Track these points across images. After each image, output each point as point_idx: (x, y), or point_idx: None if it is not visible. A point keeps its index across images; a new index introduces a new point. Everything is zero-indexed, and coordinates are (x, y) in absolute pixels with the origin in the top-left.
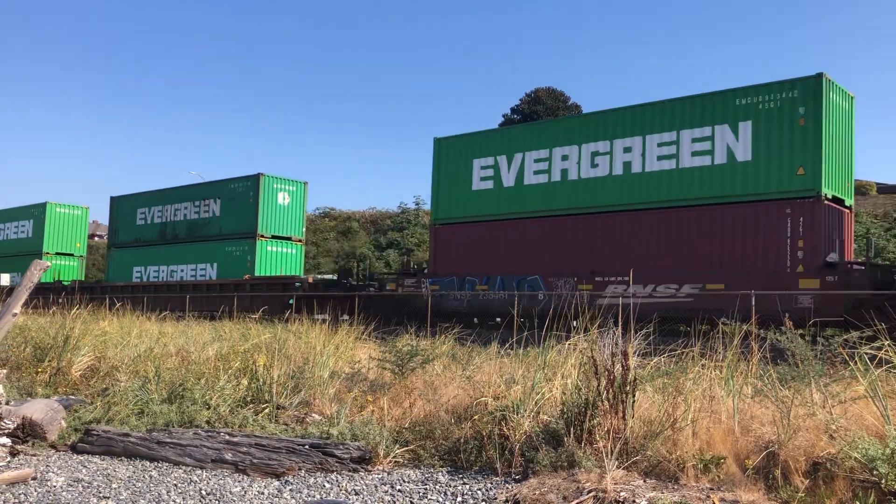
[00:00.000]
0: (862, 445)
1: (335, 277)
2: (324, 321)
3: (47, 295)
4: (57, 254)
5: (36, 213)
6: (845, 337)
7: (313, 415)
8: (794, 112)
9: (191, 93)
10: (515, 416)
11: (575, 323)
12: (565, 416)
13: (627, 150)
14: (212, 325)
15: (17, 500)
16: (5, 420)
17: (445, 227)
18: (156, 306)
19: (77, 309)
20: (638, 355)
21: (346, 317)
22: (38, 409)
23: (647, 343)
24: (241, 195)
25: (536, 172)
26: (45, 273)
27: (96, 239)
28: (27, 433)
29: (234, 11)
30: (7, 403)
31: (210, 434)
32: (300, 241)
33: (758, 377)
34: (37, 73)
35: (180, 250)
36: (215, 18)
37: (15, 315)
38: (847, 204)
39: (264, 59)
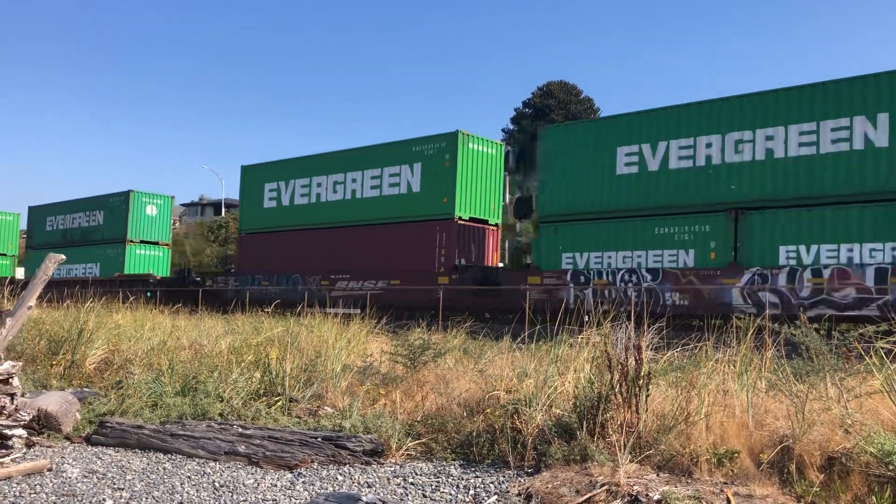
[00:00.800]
0: (878, 440)
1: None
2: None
3: None
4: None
5: None
6: (861, 331)
7: (326, 408)
8: (442, 158)
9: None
10: (528, 409)
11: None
12: (578, 409)
13: (354, 181)
14: (224, 319)
15: (33, 491)
16: (21, 412)
17: (247, 236)
18: (58, 298)
19: (91, 302)
20: (651, 349)
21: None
22: (53, 401)
23: (661, 338)
24: (118, 208)
25: (302, 195)
26: None
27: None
28: (42, 425)
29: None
30: (23, 395)
31: (223, 426)
32: (167, 244)
33: (772, 371)
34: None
35: (75, 252)
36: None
37: (30, 308)
38: (492, 223)
39: (258, 62)
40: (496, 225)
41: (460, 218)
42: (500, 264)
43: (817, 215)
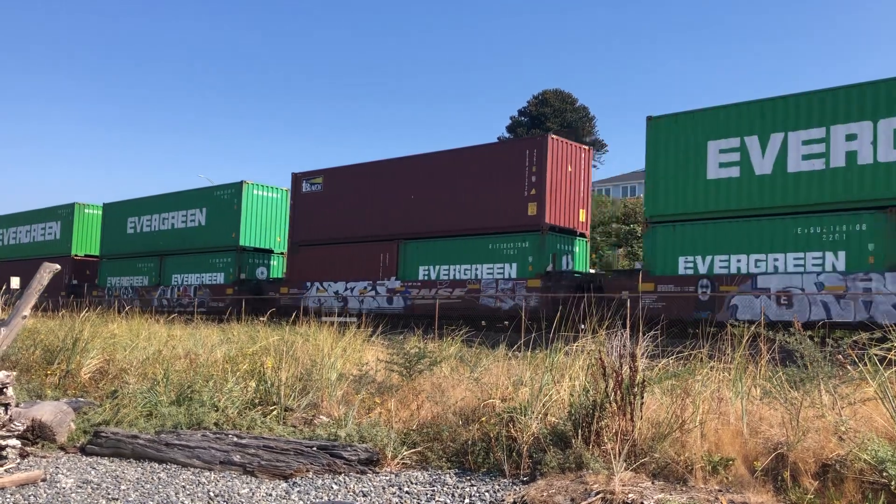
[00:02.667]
0: (872, 447)
1: None
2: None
3: None
4: None
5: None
6: (854, 338)
7: (321, 417)
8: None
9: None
10: (523, 417)
11: None
12: (573, 417)
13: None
14: (220, 328)
15: (26, 502)
16: (15, 422)
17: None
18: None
19: (86, 311)
20: (646, 357)
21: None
22: (48, 410)
23: (656, 345)
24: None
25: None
26: None
27: None
28: (37, 435)
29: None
30: (17, 405)
31: (218, 436)
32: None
33: (766, 379)
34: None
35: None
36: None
37: (24, 317)
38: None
39: (256, 64)
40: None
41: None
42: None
43: None
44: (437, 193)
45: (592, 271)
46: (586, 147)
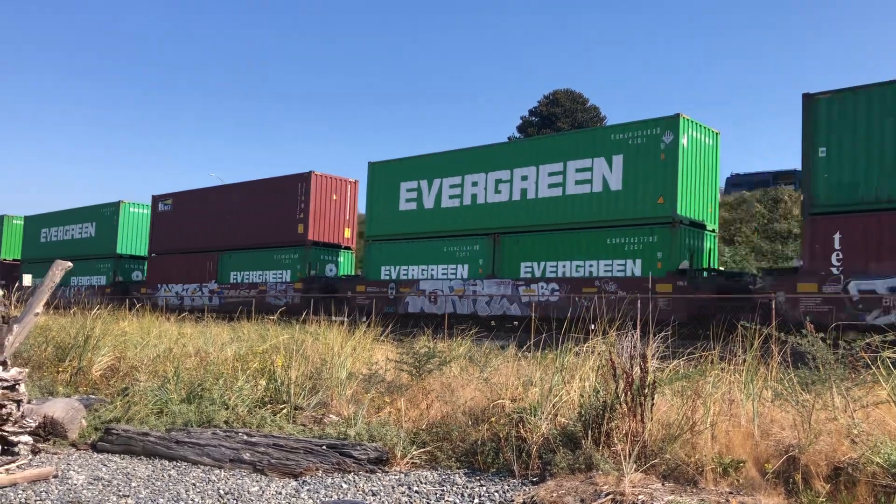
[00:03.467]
0: (884, 450)
1: None
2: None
3: None
4: None
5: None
6: (867, 341)
7: (331, 415)
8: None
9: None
10: (533, 418)
11: None
12: (583, 418)
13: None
14: (230, 326)
15: (38, 498)
16: (27, 418)
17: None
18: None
19: (97, 309)
20: (656, 358)
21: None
22: (59, 407)
23: (666, 346)
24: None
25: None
26: None
27: None
28: (48, 432)
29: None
30: (29, 402)
31: (228, 434)
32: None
33: (778, 381)
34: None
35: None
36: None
37: (37, 315)
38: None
39: (258, 64)
40: (714, 230)
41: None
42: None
43: None
44: (242, 215)
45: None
46: (352, 181)
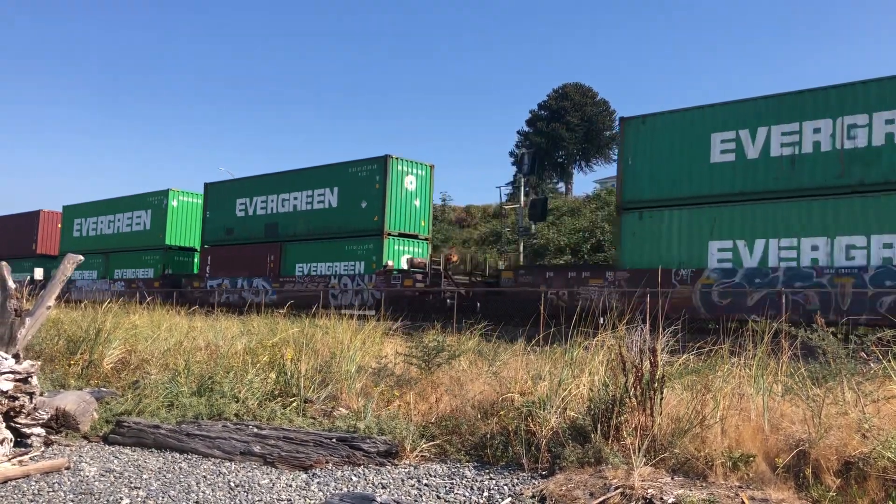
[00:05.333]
0: (895, 445)
1: None
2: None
3: None
4: None
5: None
6: (879, 335)
7: (340, 409)
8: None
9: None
10: (542, 412)
11: None
12: (592, 412)
13: None
14: (240, 320)
15: (51, 490)
16: (39, 411)
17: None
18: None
19: (108, 303)
20: (666, 352)
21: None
22: (71, 400)
23: (676, 340)
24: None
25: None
26: None
27: None
28: (60, 424)
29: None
30: (41, 394)
31: (238, 427)
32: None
33: (788, 375)
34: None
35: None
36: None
37: (49, 308)
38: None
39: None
40: (427, 238)
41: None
42: None
43: None
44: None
45: None
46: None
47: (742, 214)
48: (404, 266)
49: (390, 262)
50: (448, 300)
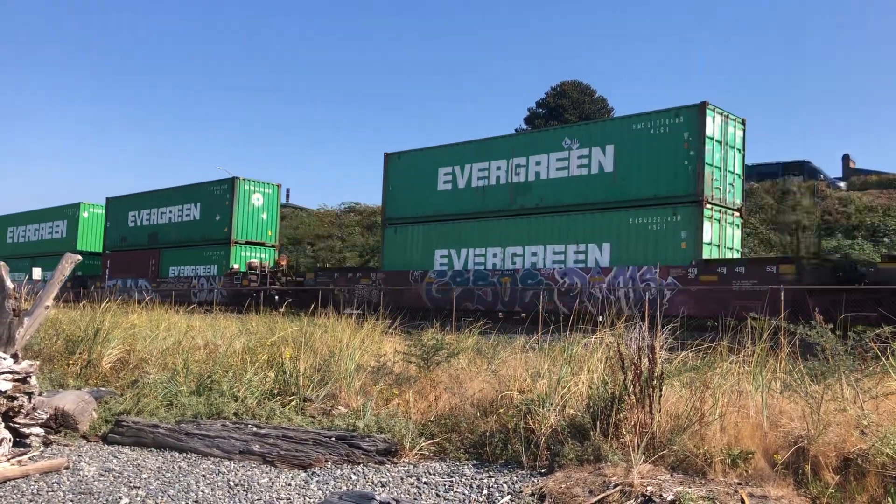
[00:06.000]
0: (894, 441)
1: None
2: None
3: None
4: None
5: None
6: (877, 332)
7: (339, 407)
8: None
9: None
10: (541, 409)
11: None
12: (591, 409)
13: None
14: (239, 319)
15: (50, 490)
16: (38, 410)
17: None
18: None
19: (107, 302)
20: (665, 350)
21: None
22: (70, 400)
23: (675, 338)
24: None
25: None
26: None
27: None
28: (59, 423)
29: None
30: (40, 394)
31: (237, 426)
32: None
33: (786, 372)
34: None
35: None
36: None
37: (47, 308)
38: None
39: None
40: (273, 245)
41: None
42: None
43: None
44: None
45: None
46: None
47: (454, 230)
48: (247, 269)
49: (236, 266)
50: (275, 296)
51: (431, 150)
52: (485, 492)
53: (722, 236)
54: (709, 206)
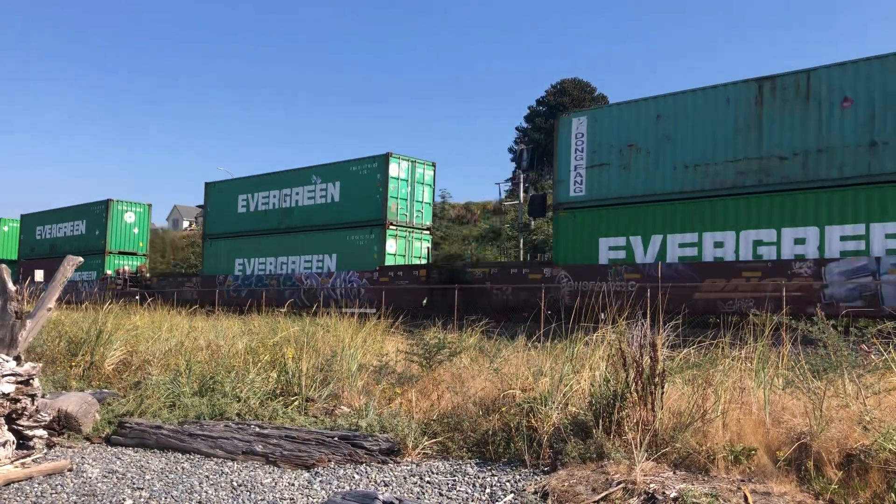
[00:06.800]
0: None
1: None
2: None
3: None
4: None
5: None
6: (879, 327)
7: (342, 407)
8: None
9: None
10: (543, 407)
11: None
12: (594, 407)
13: None
14: (241, 319)
15: (53, 491)
16: (41, 412)
17: None
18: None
19: (108, 304)
20: (667, 347)
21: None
22: (73, 401)
23: (677, 335)
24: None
25: None
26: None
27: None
28: (62, 425)
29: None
30: (43, 396)
31: (240, 426)
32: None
33: (789, 368)
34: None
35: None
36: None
37: (49, 310)
38: None
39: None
40: (144, 254)
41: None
42: None
43: None
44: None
45: None
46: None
47: (247, 243)
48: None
49: (109, 272)
50: (137, 295)
51: (235, 181)
52: (488, 490)
53: (408, 249)
54: (392, 227)
